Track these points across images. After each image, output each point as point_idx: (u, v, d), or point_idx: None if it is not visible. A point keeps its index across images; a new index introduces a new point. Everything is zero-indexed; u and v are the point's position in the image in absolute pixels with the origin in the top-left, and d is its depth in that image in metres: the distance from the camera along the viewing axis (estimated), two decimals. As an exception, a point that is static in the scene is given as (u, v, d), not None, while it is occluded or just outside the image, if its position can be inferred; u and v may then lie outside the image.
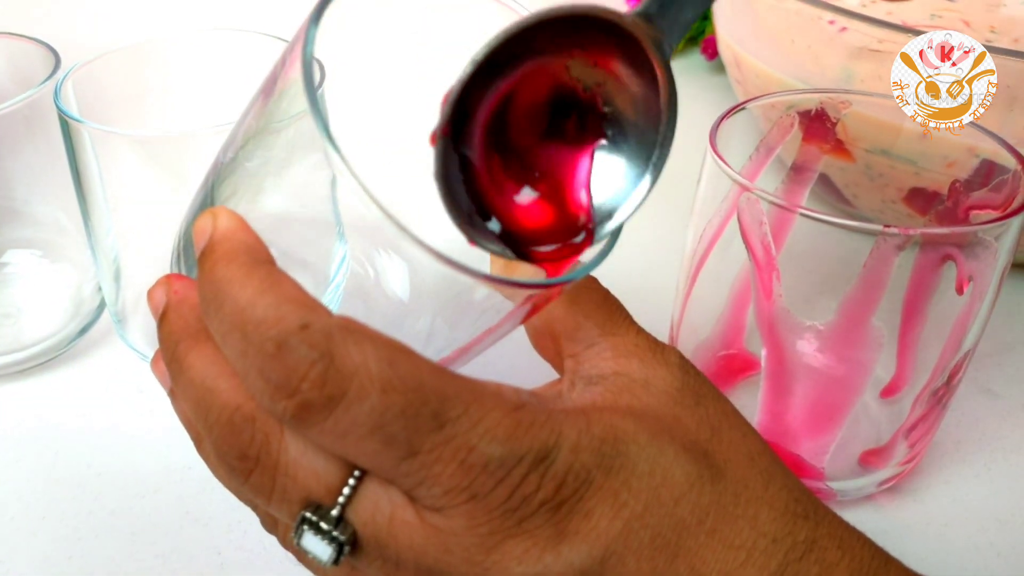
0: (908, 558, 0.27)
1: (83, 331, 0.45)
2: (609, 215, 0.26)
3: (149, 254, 0.44)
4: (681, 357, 0.27)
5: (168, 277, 0.26)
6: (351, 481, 0.22)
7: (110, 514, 0.37)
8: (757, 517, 0.25)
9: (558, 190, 0.26)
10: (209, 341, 0.24)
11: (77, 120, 0.37)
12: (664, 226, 0.39)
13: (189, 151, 0.38)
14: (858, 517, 0.27)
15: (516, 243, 0.26)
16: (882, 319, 0.34)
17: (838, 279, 0.34)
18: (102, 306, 0.45)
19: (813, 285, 0.36)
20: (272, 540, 0.31)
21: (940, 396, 0.36)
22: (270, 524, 0.26)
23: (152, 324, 0.43)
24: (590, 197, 0.26)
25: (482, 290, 0.24)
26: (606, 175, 0.26)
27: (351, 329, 0.21)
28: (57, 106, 0.37)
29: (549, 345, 0.28)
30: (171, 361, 0.24)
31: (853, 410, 0.35)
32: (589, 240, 0.26)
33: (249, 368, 0.21)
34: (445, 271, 0.21)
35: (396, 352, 0.21)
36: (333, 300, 0.35)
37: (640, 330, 0.28)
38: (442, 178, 0.25)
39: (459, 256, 0.22)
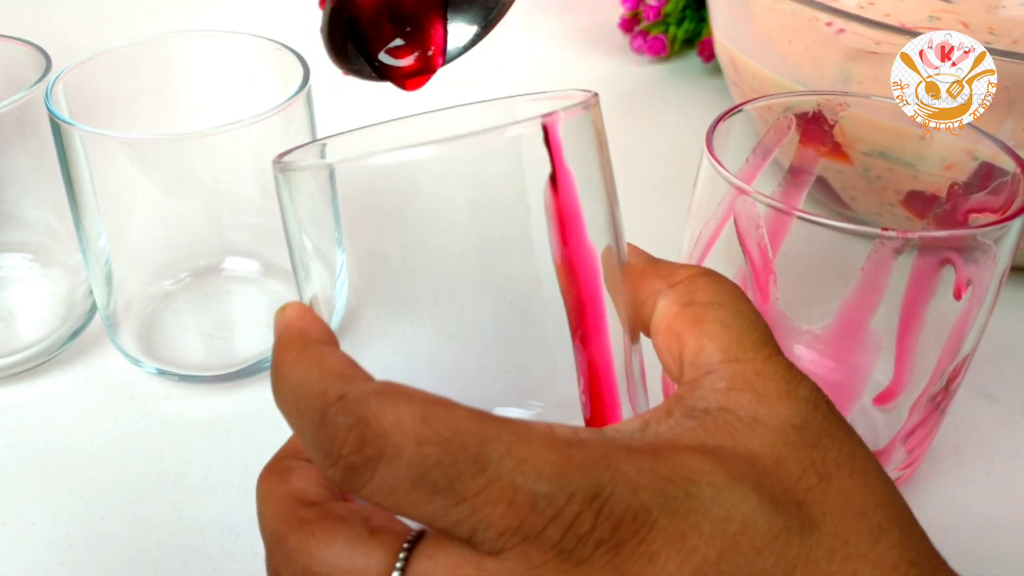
0: (907, 565, 0.27)
1: (74, 335, 0.45)
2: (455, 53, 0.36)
3: (140, 257, 0.44)
4: (815, 391, 0.25)
5: None
6: (398, 564, 0.23)
7: (102, 520, 0.37)
8: None
9: (421, 36, 0.35)
10: (273, 472, 0.26)
11: (68, 122, 0.37)
12: (660, 229, 0.39)
13: (180, 154, 0.38)
14: (856, 523, 0.27)
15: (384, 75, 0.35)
16: (880, 323, 0.33)
17: (835, 283, 0.33)
18: (93, 310, 0.45)
19: (810, 289, 0.35)
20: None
21: (938, 401, 0.35)
22: None
23: (142, 327, 0.44)
24: (443, 40, 0.36)
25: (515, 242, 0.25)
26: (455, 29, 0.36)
27: (386, 392, 0.22)
28: (48, 108, 0.37)
29: (677, 374, 0.27)
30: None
31: (851, 415, 0.35)
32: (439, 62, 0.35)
33: (306, 443, 0.23)
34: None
35: (431, 407, 0.22)
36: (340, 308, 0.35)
37: (771, 356, 0.26)
38: (327, 31, 0.34)
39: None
